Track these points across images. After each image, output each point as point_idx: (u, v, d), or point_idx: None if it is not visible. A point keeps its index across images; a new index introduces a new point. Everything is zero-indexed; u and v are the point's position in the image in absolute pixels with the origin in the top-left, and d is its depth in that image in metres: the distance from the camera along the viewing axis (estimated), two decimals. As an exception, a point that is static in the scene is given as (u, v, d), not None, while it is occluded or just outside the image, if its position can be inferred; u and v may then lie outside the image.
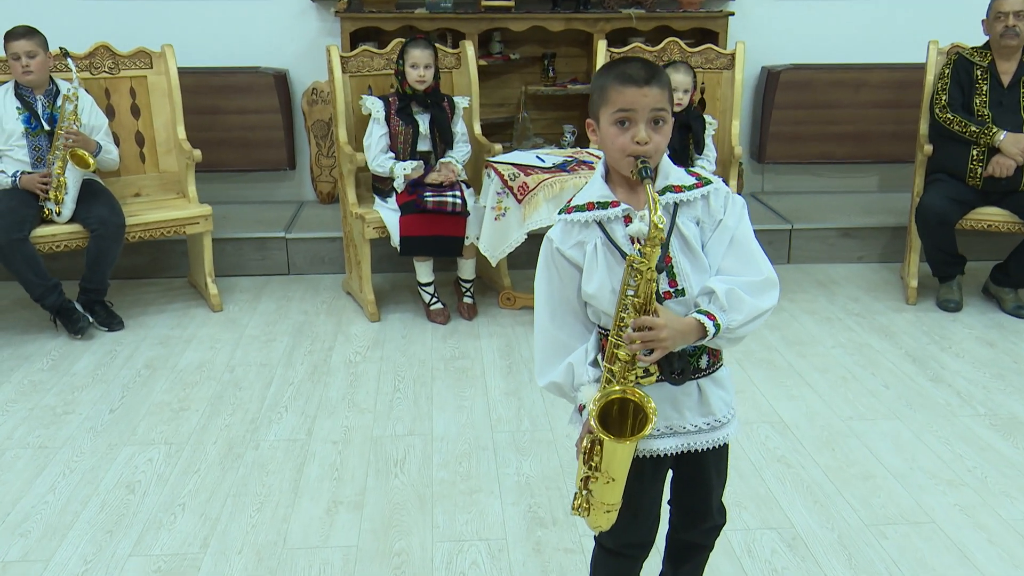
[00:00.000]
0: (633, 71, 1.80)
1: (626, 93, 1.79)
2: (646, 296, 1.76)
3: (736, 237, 1.88)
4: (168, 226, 4.22)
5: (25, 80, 3.98)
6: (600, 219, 1.85)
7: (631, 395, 1.79)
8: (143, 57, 4.46)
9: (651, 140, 1.79)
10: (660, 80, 1.81)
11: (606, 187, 1.89)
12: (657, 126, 1.81)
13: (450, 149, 4.29)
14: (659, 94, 1.80)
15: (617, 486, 1.83)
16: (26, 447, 3.13)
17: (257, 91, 5.12)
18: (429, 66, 4.14)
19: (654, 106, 1.79)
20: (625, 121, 1.79)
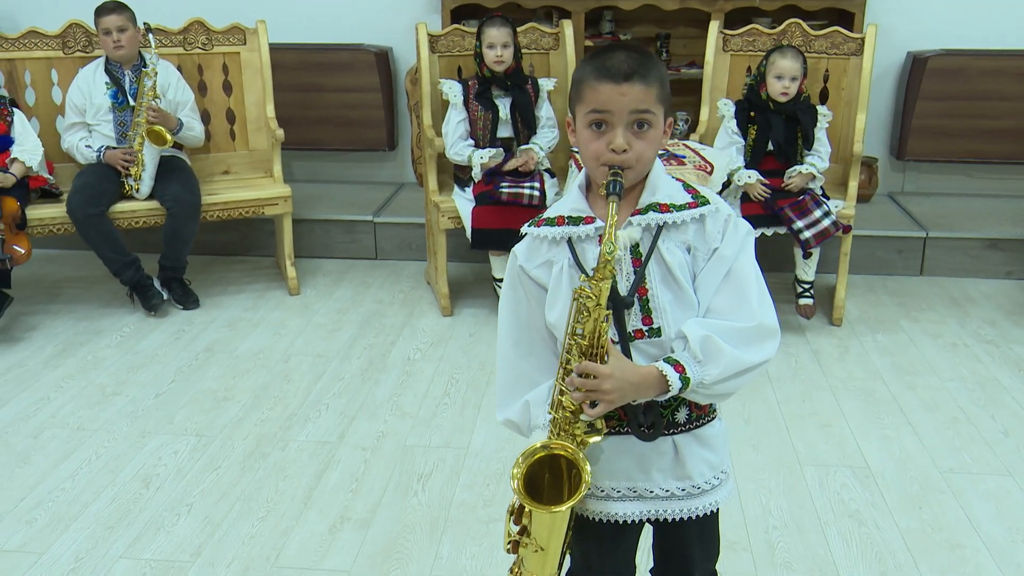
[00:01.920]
0: (612, 63, 1.49)
1: (601, 91, 1.48)
2: (593, 338, 1.46)
3: (733, 271, 1.54)
4: (247, 206, 4.15)
5: (116, 55, 3.97)
6: (571, 236, 1.56)
7: (561, 451, 1.50)
8: (237, 33, 4.39)
9: (631, 147, 1.49)
10: (646, 76, 1.48)
11: (583, 199, 1.59)
12: (641, 131, 1.50)
13: (534, 135, 4.01)
14: (642, 92, 1.48)
15: (549, 557, 1.55)
16: (65, 427, 3.10)
17: (358, 69, 4.99)
18: (507, 45, 3.87)
19: (634, 107, 1.48)
20: (601, 123, 1.50)
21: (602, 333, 1.47)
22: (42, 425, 3.12)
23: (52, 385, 3.40)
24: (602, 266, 1.44)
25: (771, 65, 3.77)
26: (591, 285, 1.44)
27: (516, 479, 1.48)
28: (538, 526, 1.51)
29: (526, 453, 1.50)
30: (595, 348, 1.47)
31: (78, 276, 4.43)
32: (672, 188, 1.57)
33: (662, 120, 1.53)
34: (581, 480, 1.48)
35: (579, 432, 1.51)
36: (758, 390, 3.35)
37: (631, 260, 1.54)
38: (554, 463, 1.53)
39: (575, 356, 1.48)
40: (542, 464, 1.52)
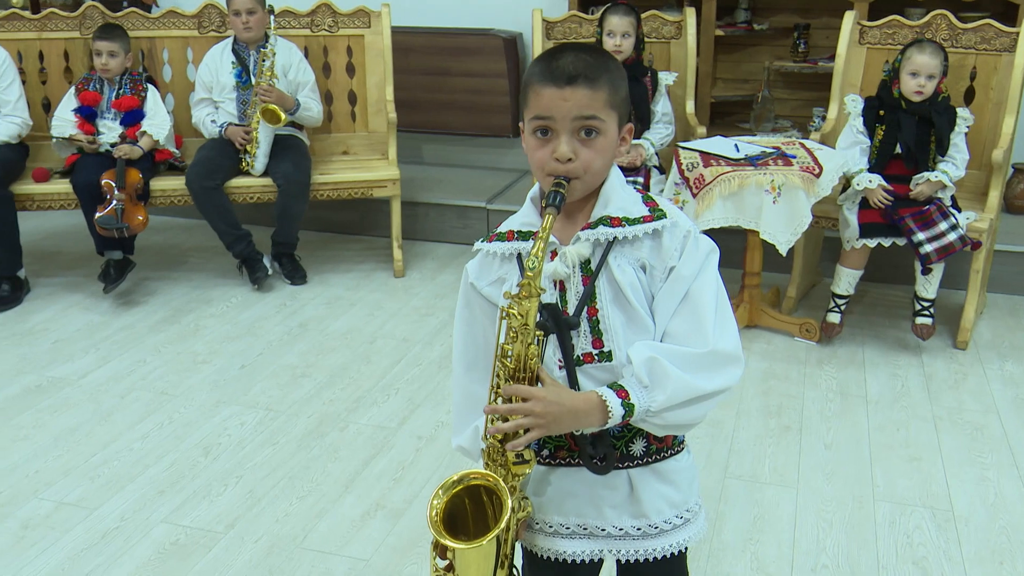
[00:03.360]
0: (557, 65, 1.37)
1: (544, 95, 1.38)
2: (520, 361, 1.35)
3: (691, 292, 1.40)
4: (356, 187, 4.22)
5: (244, 36, 4.12)
6: (520, 252, 1.46)
7: (480, 482, 1.41)
8: (362, 16, 4.46)
9: (577, 156, 1.37)
10: (593, 79, 1.36)
11: (535, 212, 1.49)
12: (588, 138, 1.37)
13: (647, 130, 3.86)
14: (587, 97, 1.36)
15: None
16: (150, 391, 3.25)
17: (487, 54, 4.97)
18: (628, 35, 3.73)
19: (578, 113, 1.36)
20: (545, 130, 1.39)
21: (531, 356, 1.37)
22: (131, 386, 3.28)
23: (151, 349, 3.57)
24: (525, 284, 1.33)
25: (906, 60, 3.45)
26: (515, 304, 1.34)
27: (435, 511, 1.40)
28: (461, 562, 1.42)
29: (445, 485, 1.42)
30: (523, 371, 1.37)
31: (204, 246, 4.64)
32: (627, 201, 1.44)
33: (614, 127, 1.40)
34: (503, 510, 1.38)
35: (509, 462, 1.41)
36: (849, 413, 3.10)
37: (581, 278, 1.42)
38: (490, 493, 1.44)
39: (503, 380, 1.38)
40: (473, 494, 1.44)
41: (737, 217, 3.38)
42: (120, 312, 3.91)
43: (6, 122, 4.00)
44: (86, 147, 3.95)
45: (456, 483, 1.41)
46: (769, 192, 3.30)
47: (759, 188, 3.31)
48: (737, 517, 2.56)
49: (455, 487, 1.41)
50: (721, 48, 4.76)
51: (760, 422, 3.06)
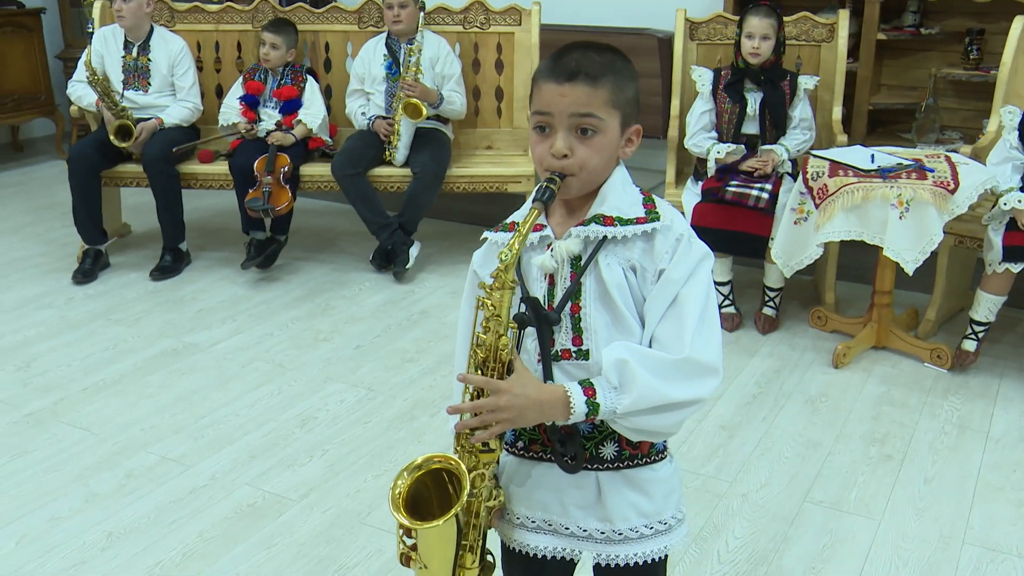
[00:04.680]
0: (560, 62, 1.40)
1: (544, 91, 1.40)
2: (490, 351, 1.37)
3: (680, 297, 1.38)
4: (489, 181, 4.30)
5: (395, 29, 4.29)
6: None
7: (441, 465, 1.43)
8: (513, 14, 4.53)
9: (573, 153, 1.38)
10: (594, 77, 1.37)
11: None
12: (585, 136, 1.38)
13: (783, 135, 3.72)
14: (586, 94, 1.37)
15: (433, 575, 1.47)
16: (270, 362, 3.47)
17: (640, 54, 4.92)
18: (767, 37, 3.60)
19: (575, 110, 1.37)
20: (545, 127, 1.40)
21: (503, 347, 1.38)
22: (254, 357, 3.51)
23: (281, 324, 3.80)
24: (497, 275, 1.35)
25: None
26: (488, 294, 1.36)
27: (398, 490, 1.43)
28: (421, 542, 1.46)
29: (409, 467, 1.46)
30: (493, 362, 1.39)
31: (355, 231, 4.85)
32: (625, 201, 1.43)
33: (615, 127, 1.40)
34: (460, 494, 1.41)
35: (476, 449, 1.43)
36: (962, 448, 2.87)
37: (570, 274, 1.42)
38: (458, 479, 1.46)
39: (472, 369, 1.40)
40: (441, 479, 1.47)
41: (861, 231, 3.20)
42: (262, 287, 4.18)
43: (179, 106, 4.37)
44: (245, 134, 4.25)
45: (418, 467, 1.45)
46: (895, 207, 3.11)
47: (884, 202, 3.12)
48: (805, 543, 2.44)
49: (418, 470, 1.45)
50: (887, 53, 4.50)
51: (860, 448, 2.89)
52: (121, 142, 4.20)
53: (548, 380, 1.42)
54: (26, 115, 6.17)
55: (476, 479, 1.44)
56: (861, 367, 3.40)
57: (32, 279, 4.26)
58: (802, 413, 3.10)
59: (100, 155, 4.24)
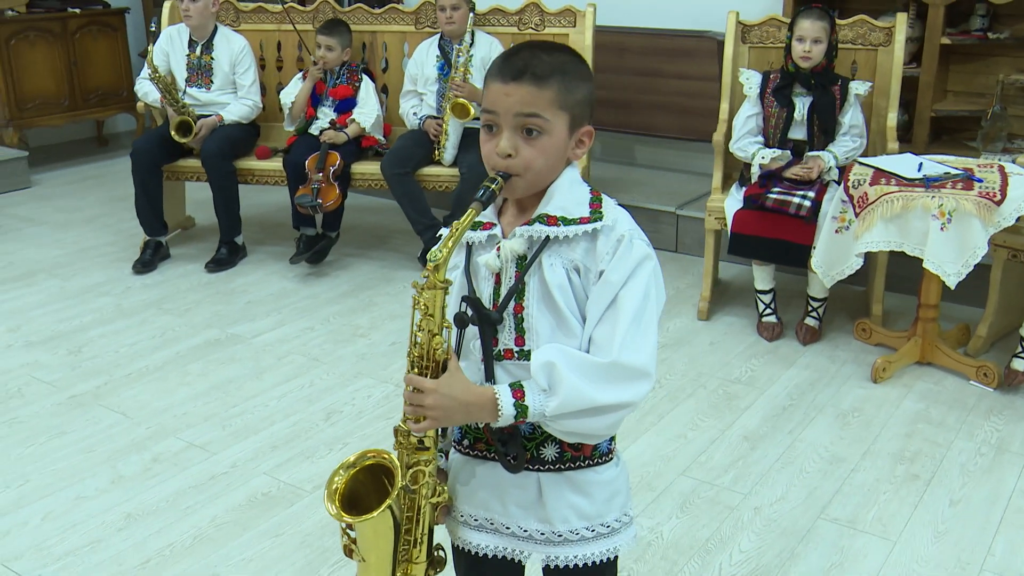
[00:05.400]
0: (509, 61, 1.40)
1: (491, 90, 1.41)
2: (424, 349, 1.38)
3: (618, 299, 1.37)
4: (537, 183, 4.29)
5: (447, 30, 4.33)
6: (471, 241, 1.47)
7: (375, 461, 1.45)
8: (568, 15, 4.52)
9: (517, 153, 1.38)
10: (542, 77, 1.37)
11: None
12: (530, 137, 1.38)
13: (831, 141, 3.62)
14: (530, 94, 1.37)
15: (372, 569, 1.49)
16: (306, 355, 3.54)
17: (700, 56, 4.86)
18: (819, 41, 3.51)
19: (520, 110, 1.37)
20: (492, 126, 1.40)
21: (436, 346, 1.39)
22: (292, 349, 3.59)
23: (323, 318, 3.88)
24: (427, 274, 1.36)
25: None
26: (419, 293, 1.37)
27: (335, 486, 1.45)
28: (359, 536, 1.48)
29: (344, 464, 1.47)
30: (428, 360, 1.40)
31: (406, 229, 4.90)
32: (571, 201, 1.42)
33: (562, 128, 1.39)
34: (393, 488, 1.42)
35: (412, 446, 1.44)
36: (996, 470, 2.75)
37: (515, 273, 1.42)
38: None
39: (409, 368, 1.41)
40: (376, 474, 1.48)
41: (901, 242, 3.09)
42: (311, 282, 4.27)
43: (239, 104, 4.49)
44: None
45: (352, 464, 1.47)
46: (936, 217, 2.99)
47: (925, 212, 3.01)
48: (812, 561, 2.38)
49: (352, 467, 1.47)
50: (954, 58, 4.34)
51: (887, 465, 2.80)
52: (181, 137, 4.35)
53: (489, 380, 1.42)
54: (110, 110, 6.43)
55: (417, 475, 1.45)
56: (902, 383, 3.29)
57: (98, 267, 4.44)
58: (831, 427, 3.01)
59: (161, 150, 4.39)
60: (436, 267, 1.35)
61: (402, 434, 1.44)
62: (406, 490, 1.45)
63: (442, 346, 1.39)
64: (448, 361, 1.39)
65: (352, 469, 1.47)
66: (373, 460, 1.47)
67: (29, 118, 5.93)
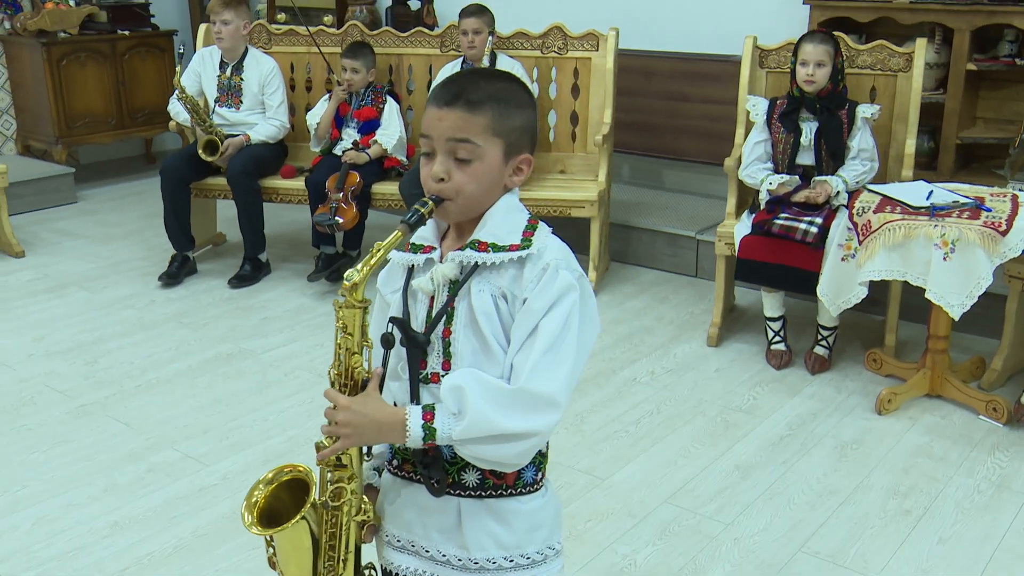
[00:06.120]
0: (444, 87, 1.43)
1: (427, 115, 1.44)
2: (342, 367, 1.41)
3: (538, 328, 1.37)
4: (553, 205, 4.31)
5: (469, 54, 4.39)
6: (412, 264, 1.49)
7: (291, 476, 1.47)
8: (591, 39, 4.54)
9: (450, 178, 1.40)
10: (475, 103, 1.39)
11: (433, 227, 1.51)
12: (463, 162, 1.39)
13: (841, 165, 3.57)
14: (462, 120, 1.39)
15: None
16: (311, 372, 3.59)
17: (725, 80, 4.81)
18: (822, 64, 3.48)
19: (451, 135, 1.39)
20: (429, 150, 1.42)
21: (355, 365, 1.41)
22: (298, 366, 3.65)
23: (334, 335, 3.92)
24: (346, 292, 1.39)
25: None
26: (338, 312, 1.40)
27: (254, 500, 1.48)
28: (277, 549, 1.50)
29: (263, 480, 1.50)
30: (347, 379, 1.42)
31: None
32: (504, 228, 1.43)
33: (495, 154, 1.40)
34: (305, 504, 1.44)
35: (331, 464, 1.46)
36: (993, 509, 2.67)
37: (447, 298, 1.44)
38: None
39: (330, 384, 1.44)
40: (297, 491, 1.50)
41: (904, 271, 3.03)
42: (328, 299, 4.33)
43: (267, 124, 4.59)
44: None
45: (271, 481, 1.49)
46: (939, 247, 2.93)
47: (928, 241, 2.94)
48: (785, 595, 2.33)
49: (271, 483, 1.49)
50: (984, 84, 4.24)
51: (878, 499, 2.73)
52: (208, 156, 4.46)
53: (415, 402, 1.43)
54: (155, 129, 6.60)
55: (339, 491, 1.47)
56: (907, 415, 3.21)
57: (127, 281, 4.56)
58: (827, 459, 2.95)
59: (190, 167, 4.51)
60: (353, 287, 1.38)
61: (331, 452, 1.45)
62: (325, 506, 1.47)
63: (361, 365, 1.41)
64: (369, 381, 1.41)
65: (271, 485, 1.49)
66: (290, 475, 1.49)
67: (78, 136, 6.13)
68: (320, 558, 1.50)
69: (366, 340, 1.42)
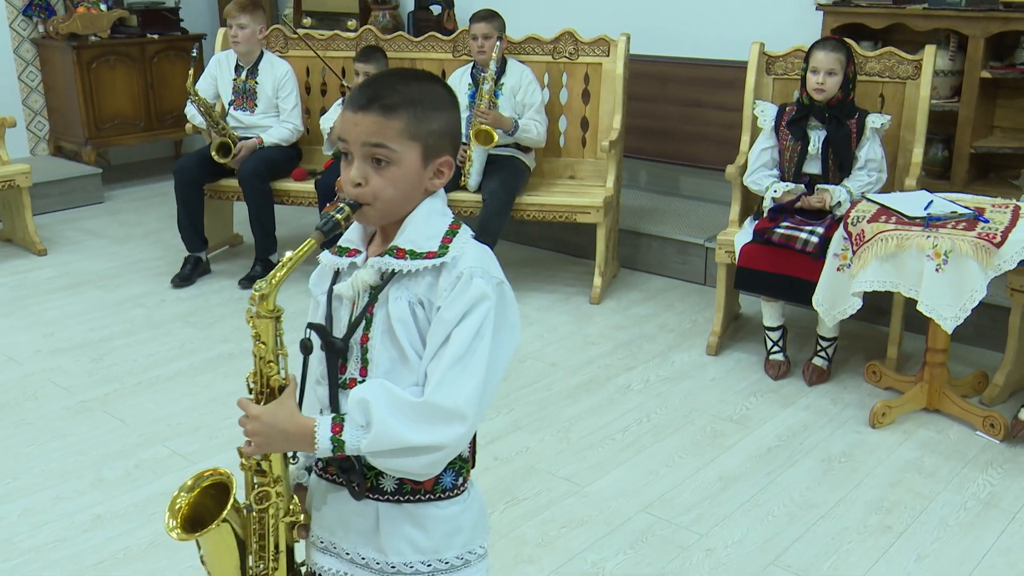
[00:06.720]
0: (360, 91, 1.43)
1: (343, 118, 1.44)
2: (257, 375, 1.42)
3: (451, 339, 1.37)
4: (559, 211, 4.30)
5: (479, 59, 4.40)
6: (338, 267, 1.50)
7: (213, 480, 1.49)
8: (602, 45, 4.52)
9: (367, 182, 1.40)
10: (390, 108, 1.38)
11: (358, 231, 1.52)
12: (379, 166, 1.39)
13: (847, 175, 3.51)
14: (376, 124, 1.38)
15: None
16: (309, 373, 3.62)
17: (739, 87, 4.69)
18: (833, 73, 3.43)
19: (367, 139, 1.39)
20: (347, 154, 1.43)
21: (269, 373, 1.42)
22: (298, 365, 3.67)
23: (336, 337, 3.96)
24: (256, 300, 1.40)
25: None
26: (251, 320, 1.41)
27: (177, 505, 1.50)
28: (205, 552, 1.52)
29: (184, 486, 1.51)
30: (263, 386, 1.43)
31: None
32: (423, 234, 1.42)
33: (413, 158, 1.40)
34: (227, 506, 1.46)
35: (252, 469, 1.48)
36: (978, 527, 2.61)
37: (367, 304, 1.44)
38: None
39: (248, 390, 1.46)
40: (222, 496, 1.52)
41: (897, 282, 2.98)
42: (335, 302, 4.36)
43: (280, 127, 4.65)
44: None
45: (191, 488, 1.51)
46: (931, 258, 2.87)
47: (920, 252, 2.89)
48: (751, 608, 2.30)
49: (192, 490, 1.51)
50: (1002, 93, 4.15)
51: (859, 514, 2.68)
52: (221, 158, 4.52)
53: (334, 408, 1.44)
54: (182, 131, 6.68)
55: (264, 494, 1.48)
56: (902, 429, 3.15)
57: (141, 280, 4.65)
58: (813, 472, 2.91)
59: (204, 169, 4.58)
60: (263, 296, 1.39)
61: (243, 455, 1.47)
62: (248, 509, 1.49)
63: (277, 373, 1.43)
64: (285, 388, 1.43)
65: (194, 491, 1.51)
66: (211, 480, 1.50)
67: (106, 137, 6.26)
68: (249, 559, 1.52)
69: (281, 348, 1.44)
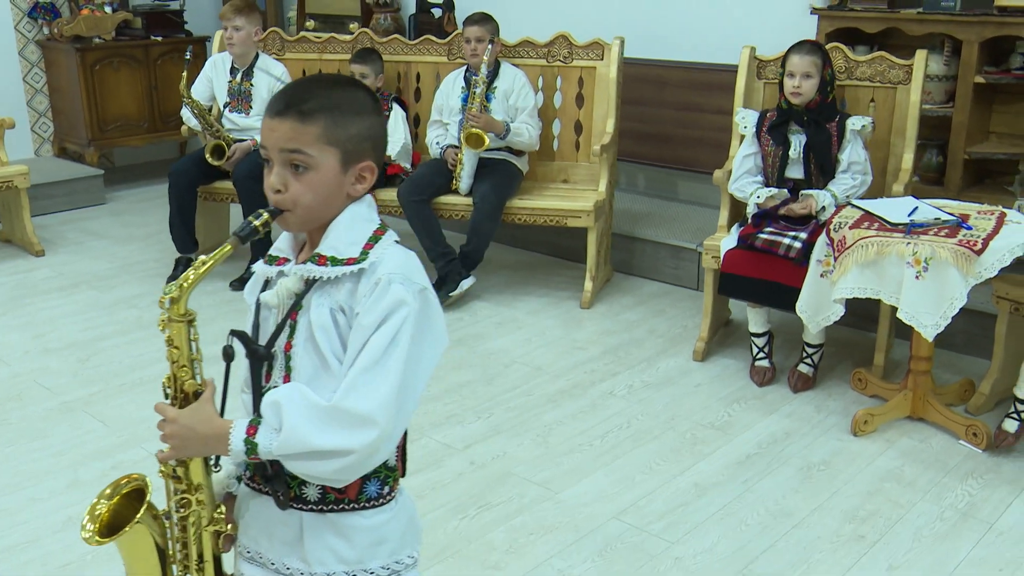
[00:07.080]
0: (277, 97, 1.43)
1: (263, 124, 1.43)
2: (172, 380, 1.42)
3: (369, 345, 1.35)
4: (549, 215, 4.28)
5: (473, 63, 4.39)
6: (268, 277, 1.50)
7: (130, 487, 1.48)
8: (596, 48, 4.51)
9: (287, 188, 1.39)
10: (307, 113, 1.38)
11: (288, 239, 1.52)
12: (298, 172, 1.39)
13: (831, 179, 3.48)
14: (292, 130, 1.38)
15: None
16: (294, 375, 3.62)
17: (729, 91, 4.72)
18: (809, 76, 3.40)
19: (283, 145, 1.39)
20: (268, 160, 1.42)
21: (183, 378, 1.42)
22: (282, 369, 3.68)
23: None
24: (166, 305, 1.40)
25: None
26: (163, 325, 1.41)
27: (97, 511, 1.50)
28: (124, 559, 1.53)
29: (102, 494, 1.51)
30: (178, 391, 1.43)
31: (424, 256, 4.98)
32: (345, 240, 1.42)
33: (331, 164, 1.39)
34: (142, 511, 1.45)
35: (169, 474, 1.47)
36: (954, 537, 2.58)
37: (290, 311, 1.44)
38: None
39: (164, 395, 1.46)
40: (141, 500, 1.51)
41: (878, 289, 2.95)
42: (325, 304, 4.36)
43: (274, 130, 4.66)
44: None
45: (110, 495, 1.50)
46: (911, 265, 2.84)
47: (900, 259, 2.86)
48: (715, 618, 2.28)
49: (111, 497, 1.50)
50: (998, 98, 4.10)
51: (833, 523, 2.65)
52: (215, 160, 4.54)
53: (256, 414, 1.44)
54: (188, 132, 6.76)
55: (186, 501, 1.48)
56: (884, 437, 3.12)
57: (137, 281, 4.67)
58: (790, 480, 2.88)
59: (198, 171, 4.60)
60: (174, 301, 1.39)
61: (161, 462, 1.47)
62: (168, 516, 1.49)
63: (192, 378, 1.43)
64: (201, 393, 1.42)
65: (114, 498, 1.50)
66: (129, 487, 1.50)
67: (110, 139, 6.30)
68: (173, 568, 1.51)
69: (196, 354, 1.44)
